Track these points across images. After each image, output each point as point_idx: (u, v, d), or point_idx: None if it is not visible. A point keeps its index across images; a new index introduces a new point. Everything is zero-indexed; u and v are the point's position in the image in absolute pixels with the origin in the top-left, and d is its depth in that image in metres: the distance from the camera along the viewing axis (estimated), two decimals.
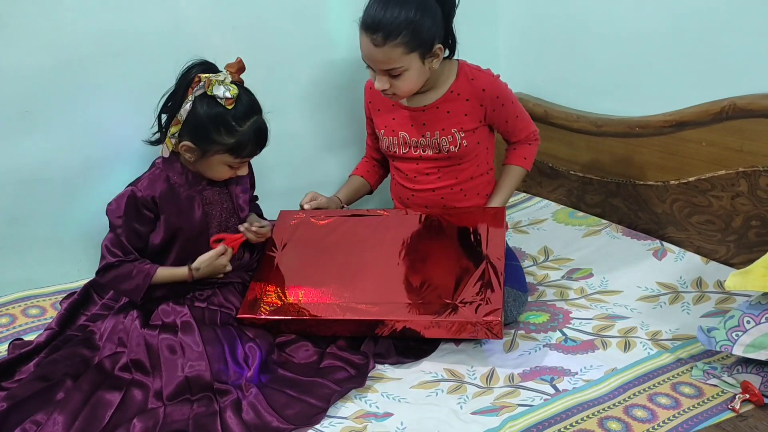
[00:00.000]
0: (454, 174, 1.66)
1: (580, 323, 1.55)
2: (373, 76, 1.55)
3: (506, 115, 1.65)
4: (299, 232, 1.65)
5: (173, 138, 1.40)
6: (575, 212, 2.03)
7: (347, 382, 1.35)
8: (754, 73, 1.61)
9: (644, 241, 1.84)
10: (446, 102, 1.61)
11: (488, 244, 1.52)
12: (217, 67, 1.43)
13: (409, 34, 1.45)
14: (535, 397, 1.31)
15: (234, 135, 1.38)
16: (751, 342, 1.27)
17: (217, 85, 1.37)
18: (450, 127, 1.61)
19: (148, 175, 1.46)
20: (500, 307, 1.38)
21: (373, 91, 1.66)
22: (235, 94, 1.37)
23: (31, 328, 1.55)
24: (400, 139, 1.65)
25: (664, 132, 1.80)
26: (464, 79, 1.61)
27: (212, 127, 1.37)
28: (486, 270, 1.46)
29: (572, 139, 2.03)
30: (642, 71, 1.85)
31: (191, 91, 1.38)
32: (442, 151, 1.63)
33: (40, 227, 1.71)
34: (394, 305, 1.43)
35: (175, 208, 1.44)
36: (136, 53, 1.68)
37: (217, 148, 1.39)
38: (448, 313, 1.39)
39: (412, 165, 1.68)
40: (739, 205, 1.69)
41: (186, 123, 1.38)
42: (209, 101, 1.37)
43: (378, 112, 1.70)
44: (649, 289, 1.66)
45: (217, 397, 1.30)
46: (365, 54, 1.51)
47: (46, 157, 1.66)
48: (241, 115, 1.38)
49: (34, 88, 1.61)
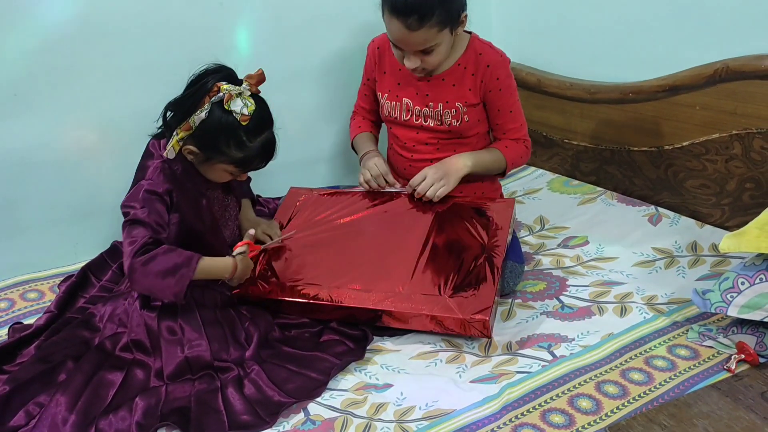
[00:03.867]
0: (453, 147, 1.64)
1: (576, 290, 1.56)
2: (400, 56, 1.52)
3: (499, 102, 1.60)
4: (305, 211, 1.64)
5: (181, 141, 1.35)
6: (570, 181, 2.03)
7: (347, 356, 1.36)
8: (747, 35, 1.60)
9: (639, 207, 1.85)
10: (452, 74, 1.59)
11: (491, 238, 1.50)
12: (236, 73, 1.38)
13: (442, 12, 1.42)
14: (533, 364, 1.33)
15: (243, 150, 1.35)
16: (745, 303, 1.28)
17: (235, 99, 1.32)
18: (454, 100, 1.59)
19: (155, 166, 1.39)
20: (490, 306, 1.36)
21: (381, 51, 1.65)
22: (252, 111, 1.33)
23: (30, 311, 1.55)
24: (403, 105, 1.63)
25: (658, 97, 1.79)
26: (472, 53, 1.58)
27: (222, 139, 1.34)
28: (483, 265, 1.44)
29: (566, 107, 2.02)
30: (634, 36, 1.84)
31: (208, 100, 1.33)
32: (444, 124, 1.61)
33: (36, 210, 1.70)
34: (386, 294, 1.41)
35: (187, 202, 1.41)
36: (123, 33, 1.66)
37: (222, 158, 1.37)
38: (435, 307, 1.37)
39: (412, 133, 1.66)
40: (733, 168, 1.69)
41: (196, 129, 1.34)
42: (224, 113, 1.32)
43: (383, 75, 1.66)
44: (644, 254, 1.67)
45: (218, 374, 1.31)
46: (397, 38, 1.47)
47: (38, 140, 1.65)
48: (253, 130, 1.35)
49: (21, 70, 1.59)
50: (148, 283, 1.31)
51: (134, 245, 1.30)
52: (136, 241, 1.31)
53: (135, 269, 1.30)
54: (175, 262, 1.31)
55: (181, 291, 1.31)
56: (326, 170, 2.09)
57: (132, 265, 1.30)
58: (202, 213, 1.44)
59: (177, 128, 1.35)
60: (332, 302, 1.42)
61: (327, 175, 2.09)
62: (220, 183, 1.47)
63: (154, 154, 1.42)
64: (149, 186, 1.36)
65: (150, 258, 1.30)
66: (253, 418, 1.22)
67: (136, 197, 1.36)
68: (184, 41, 1.74)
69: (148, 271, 1.30)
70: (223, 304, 1.45)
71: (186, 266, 1.32)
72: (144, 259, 1.30)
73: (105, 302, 1.45)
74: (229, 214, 1.53)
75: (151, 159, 1.41)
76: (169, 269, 1.30)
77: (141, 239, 1.31)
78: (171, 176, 1.38)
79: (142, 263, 1.29)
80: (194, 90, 1.35)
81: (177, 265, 1.31)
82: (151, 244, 1.31)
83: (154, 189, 1.36)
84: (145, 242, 1.31)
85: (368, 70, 1.72)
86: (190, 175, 1.41)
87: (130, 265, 1.30)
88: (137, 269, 1.30)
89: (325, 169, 2.08)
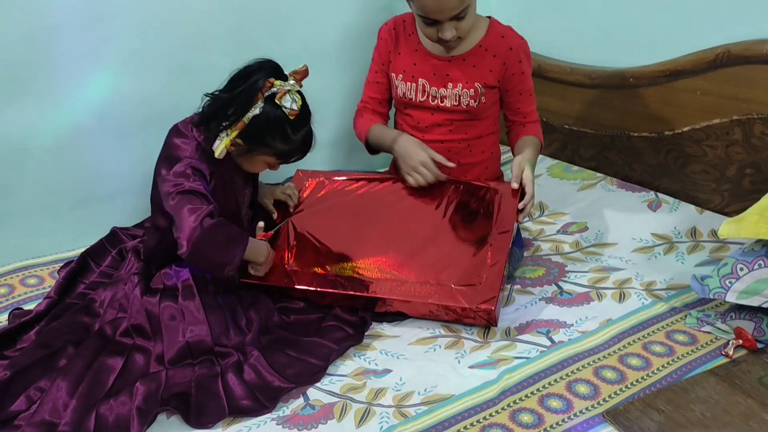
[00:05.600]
0: (465, 129, 1.63)
1: (575, 276, 1.57)
2: (433, 33, 1.49)
3: (521, 85, 1.61)
4: (311, 195, 1.64)
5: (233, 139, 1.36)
6: (570, 166, 2.03)
7: (346, 341, 1.37)
8: (748, 19, 1.59)
9: (639, 193, 1.84)
10: (474, 55, 1.58)
11: (497, 226, 1.48)
12: (281, 67, 1.40)
13: None
14: (531, 350, 1.33)
15: (287, 143, 1.39)
16: (744, 289, 1.28)
17: (286, 96, 1.36)
18: (474, 81, 1.58)
19: (192, 145, 1.39)
20: (496, 296, 1.36)
21: (396, 31, 1.63)
22: (300, 106, 1.37)
23: (30, 297, 1.56)
24: (419, 86, 1.61)
25: (659, 82, 1.78)
26: (494, 35, 1.58)
27: (269, 132, 1.37)
28: (489, 254, 1.43)
29: (566, 93, 2.01)
30: (635, 20, 1.83)
31: (261, 96, 1.35)
32: (461, 104, 1.60)
33: (34, 196, 1.70)
34: (392, 283, 1.42)
35: (220, 186, 1.43)
36: (119, 18, 1.65)
37: (266, 150, 1.40)
38: (441, 296, 1.38)
39: (426, 114, 1.64)
40: (733, 153, 1.69)
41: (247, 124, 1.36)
42: (274, 108, 1.35)
43: (398, 56, 1.64)
44: (643, 240, 1.67)
45: (218, 359, 1.31)
46: (432, 8, 1.44)
47: (34, 126, 1.64)
48: (298, 124, 1.38)
49: (17, 55, 1.58)
50: (209, 251, 1.32)
51: (199, 213, 1.30)
52: (200, 209, 1.31)
53: (200, 236, 1.29)
54: (233, 234, 1.34)
55: (237, 263, 1.33)
56: (328, 155, 2.08)
57: (197, 230, 1.29)
58: (228, 199, 1.46)
59: (228, 127, 1.36)
60: (337, 290, 1.43)
61: (328, 160, 2.08)
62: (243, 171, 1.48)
63: (186, 135, 1.41)
64: (194, 163, 1.37)
65: (215, 225, 1.31)
66: (253, 403, 1.23)
67: (184, 171, 1.35)
68: (182, 26, 1.73)
69: (212, 238, 1.31)
70: (224, 289, 1.45)
71: (240, 241, 1.35)
72: (211, 225, 1.30)
73: (105, 288, 1.46)
74: (243, 201, 1.54)
75: (182, 138, 1.41)
76: (228, 240, 1.33)
77: (204, 208, 1.31)
78: (208, 159, 1.40)
79: (210, 228, 1.30)
80: (245, 88, 1.36)
81: (234, 238, 1.34)
82: (211, 215, 1.32)
83: (198, 167, 1.37)
84: (209, 211, 1.32)
85: (382, 53, 1.66)
86: (222, 161, 1.42)
87: (194, 231, 1.29)
88: (203, 236, 1.29)
89: (327, 155, 2.08)
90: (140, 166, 1.69)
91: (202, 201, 1.33)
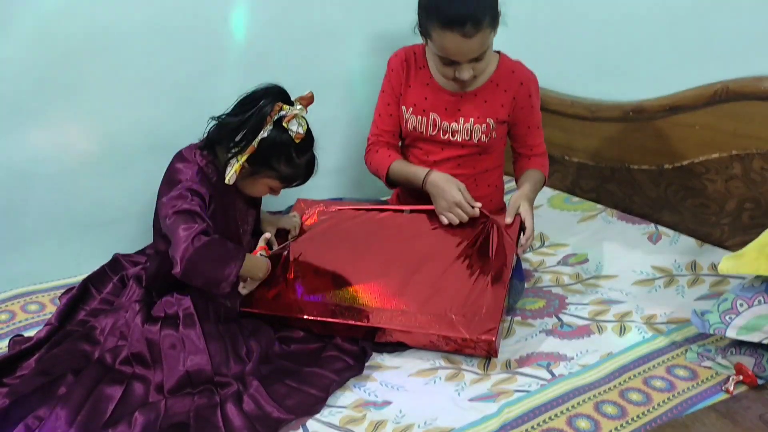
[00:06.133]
0: (473, 163, 1.65)
1: (575, 308, 1.57)
2: (449, 72, 1.51)
3: (530, 119, 1.63)
4: (312, 224, 1.64)
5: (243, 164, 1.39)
6: (570, 198, 2.04)
7: (345, 372, 1.37)
8: (747, 57, 1.62)
9: (639, 225, 1.85)
10: (485, 90, 1.60)
11: (497, 257, 1.48)
12: (287, 92, 1.43)
13: (492, 11, 1.44)
14: (531, 383, 1.33)
15: (292, 166, 1.42)
16: (744, 324, 1.28)
17: (294, 120, 1.39)
18: (486, 116, 1.59)
19: (195, 171, 1.41)
20: (496, 327, 1.36)
21: (408, 63, 1.63)
22: (306, 131, 1.40)
23: (31, 324, 1.56)
24: (430, 119, 1.62)
25: (658, 116, 1.80)
26: (505, 70, 1.60)
27: (275, 155, 1.40)
28: (489, 284, 1.43)
29: (567, 125, 2.03)
30: (635, 55, 1.86)
31: (270, 120, 1.38)
32: (472, 139, 1.61)
33: (37, 222, 1.71)
34: (392, 313, 1.42)
35: (220, 210, 1.45)
36: (127, 47, 1.68)
37: (271, 173, 1.43)
38: (442, 326, 1.38)
39: (436, 148, 1.64)
40: (732, 188, 1.70)
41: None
42: (281, 131, 1.38)
43: (409, 88, 1.64)
44: (644, 273, 1.67)
45: (218, 389, 1.31)
46: (454, 51, 1.46)
47: (41, 152, 1.66)
48: (302, 148, 1.42)
49: (26, 83, 1.60)
50: (202, 268, 1.33)
51: (191, 230, 1.32)
52: (193, 227, 1.33)
53: (194, 253, 1.31)
54: (228, 250, 1.36)
55: (232, 280, 1.35)
56: (331, 183, 2.10)
57: (190, 248, 1.31)
58: (229, 222, 1.47)
59: (238, 153, 1.38)
60: (337, 319, 1.43)
61: (332, 187, 2.10)
62: (245, 195, 1.50)
63: (188, 159, 1.44)
64: (193, 186, 1.39)
65: (208, 243, 1.33)
66: None
67: (181, 194, 1.38)
68: (188, 55, 1.76)
69: (205, 255, 1.32)
70: (225, 318, 1.45)
71: (236, 257, 1.36)
72: (204, 242, 1.32)
73: (106, 315, 1.46)
74: (246, 228, 1.55)
75: (184, 162, 1.44)
76: (222, 256, 1.35)
77: (197, 227, 1.33)
78: (208, 183, 1.42)
79: (202, 246, 1.32)
80: (253, 113, 1.38)
81: (229, 254, 1.36)
82: (205, 233, 1.34)
83: (196, 189, 1.39)
84: (202, 229, 1.33)
85: (395, 85, 1.65)
86: (223, 185, 1.44)
87: (187, 249, 1.31)
88: (196, 253, 1.31)
89: (330, 182, 2.09)
90: (144, 193, 1.71)
91: (196, 219, 1.35)
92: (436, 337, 1.39)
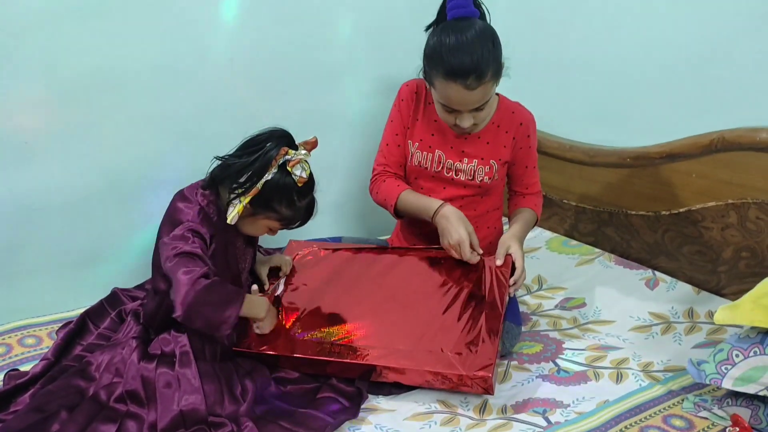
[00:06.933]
0: (475, 205, 1.66)
1: (572, 354, 1.57)
2: (451, 119, 1.54)
3: (528, 159, 1.66)
4: (305, 265, 1.65)
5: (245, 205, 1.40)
6: (569, 240, 2.05)
7: (341, 414, 1.36)
8: (742, 108, 1.65)
9: (636, 270, 1.86)
10: (488, 132, 1.62)
11: (490, 295, 1.49)
12: (293, 137, 1.45)
13: (494, 65, 1.46)
14: (527, 430, 1.32)
15: (292, 209, 1.44)
16: (740, 375, 1.28)
17: (298, 165, 1.41)
18: (489, 158, 1.62)
19: (196, 211, 1.42)
20: (492, 363, 1.36)
21: (418, 96, 1.64)
22: (308, 175, 1.42)
23: (27, 358, 1.55)
24: (435, 156, 1.63)
25: (655, 163, 1.82)
26: (506, 111, 1.63)
27: (277, 198, 1.42)
28: (484, 322, 1.44)
29: (565, 169, 2.06)
30: (634, 103, 1.89)
31: (275, 163, 1.40)
32: (475, 179, 1.63)
33: (38, 256, 1.72)
34: (387, 351, 1.42)
35: (220, 250, 1.46)
36: (134, 86, 1.71)
37: (272, 215, 1.45)
38: (437, 363, 1.38)
39: (439, 187, 1.65)
40: (729, 236, 1.72)
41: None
42: (284, 174, 1.41)
43: (417, 122, 1.66)
44: (641, 319, 1.68)
45: (211, 429, 1.30)
46: (457, 101, 1.49)
47: (45, 187, 1.68)
48: (304, 192, 1.44)
49: (34, 119, 1.63)
50: (203, 312, 1.35)
51: (192, 274, 1.33)
52: (194, 271, 1.34)
53: (195, 298, 1.33)
54: (228, 293, 1.37)
55: (233, 322, 1.36)
56: (332, 220, 2.11)
57: (191, 293, 1.32)
58: (229, 261, 1.48)
59: (242, 194, 1.40)
60: (332, 358, 1.43)
61: (332, 224, 2.11)
62: (244, 234, 1.51)
63: (190, 199, 1.45)
64: (194, 226, 1.40)
65: (209, 287, 1.34)
66: None
67: (183, 234, 1.39)
68: (194, 95, 1.79)
69: (206, 299, 1.34)
70: (222, 357, 1.45)
71: (236, 300, 1.37)
72: (205, 286, 1.33)
73: (102, 350, 1.46)
74: (244, 266, 1.56)
75: (186, 202, 1.45)
76: (223, 300, 1.36)
77: (198, 270, 1.35)
78: (209, 223, 1.43)
79: (203, 289, 1.33)
80: (259, 155, 1.40)
81: (230, 297, 1.37)
82: (206, 276, 1.35)
83: (197, 230, 1.40)
84: (203, 273, 1.35)
85: (404, 115, 1.65)
86: (224, 224, 1.45)
87: (188, 293, 1.32)
88: (197, 298, 1.33)
89: (330, 219, 2.11)
90: (144, 228, 1.73)
91: (197, 263, 1.36)
92: (431, 375, 1.39)
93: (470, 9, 1.49)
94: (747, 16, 1.60)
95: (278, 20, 1.84)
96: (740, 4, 1.60)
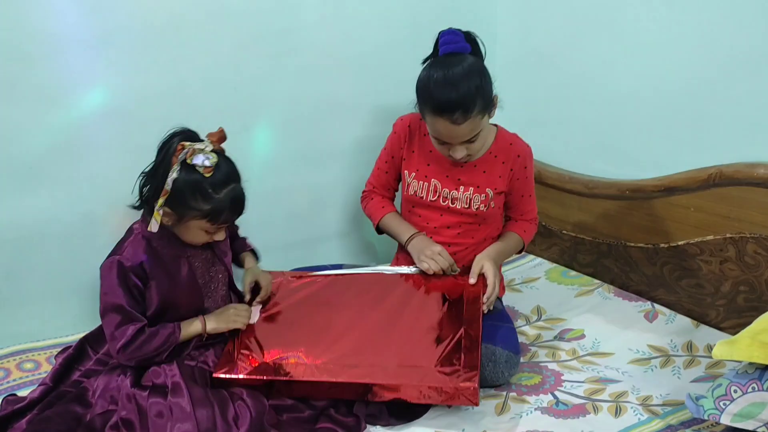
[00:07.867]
0: (472, 233, 1.69)
1: (571, 386, 1.56)
2: (444, 150, 1.58)
3: (524, 188, 1.70)
4: (281, 292, 1.67)
5: (161, 209, 1.39)
6: (568, 271, 2.06)
7: None
8: (740, 143, 1.66)
9: (635, 302, 1.87)
10: (484, 162, 1.65)
11: (467, 312, 1.54)
12: (198, 135, 1.44)
13: (481, 101, 1.49)
14: None
15: (210, 202, 1.40)
16: (738, 411, 1.28)
17: (197, 154, 1.39)
18: (485, 186, 1.65)
19: (130, 241, 1.45)
20: (476, 374, 1.38)
21: (411, 129, 1.69)
22: (214, 163, 1.39)
23: (26, 382, 1.55)
24: (431, 185, 1.67)
25: (654, 196, 1.84)
26: (503, 142, 1.66)
27: (189, 193, 1.39)
28: (462, 338, 1.47)
29: (565, 200, 2.07)
30: (633, 136, 1.91)
31: (175, 160, 1.39)
32: (471, 207, 1.66)
33: (38, 281, 1.73)
34: (372, 368, 1.43)
35: (163, 270, 1.46)
36: (138, 113, 1.73)
37: (193, 213, 1.41)
38: (424, 378, 1.40)
39: (436, 215, 1.69)
40: (727, 270, 1.72)
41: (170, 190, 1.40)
42: (188, 169, 1.39)
43: (412, 153, 1.70)
44: (640, 351, 1.68)
45: None
46: (446, 135, 1.53)
47: (47, 213, 1.69)
48: (219, 183, 1.40)
49: (38, 145, 1.65)
50: (140, 358, 1.44)
51: (117, 341, 1.41)
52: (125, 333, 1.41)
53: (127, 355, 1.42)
54: (156, 347, 1.43)
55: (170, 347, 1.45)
56: (333, 247, 2.12)
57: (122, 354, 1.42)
58: (179, 280, 1.47)
59: (156, 199, 1.40)
60: (317, 378, 1.43)
61: (334, 252, 2.12)
62: (200, 248, 1.50)
63: (132, 229, 1.48)
64: (120, 259, 1.43)
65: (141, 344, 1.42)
66: None
67: (109, 280, 1.43)
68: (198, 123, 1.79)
69: (139, 352, 1.43)
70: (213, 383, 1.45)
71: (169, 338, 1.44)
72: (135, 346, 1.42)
73: (98, 376, 1.46)
74: (215, 284, 1.55)
75: (128, 233, 1.48)
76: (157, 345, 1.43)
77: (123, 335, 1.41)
78: (146, 247, 1.44)
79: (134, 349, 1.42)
80: (162, 155, 1.42)
81: (162, 341, 1.44)
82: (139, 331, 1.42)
83: (123, 263, 1.42)
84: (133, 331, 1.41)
85: (394, 148, 1.73)
86: (167, 241, 1.46)
87: (119, 352, 1.42)
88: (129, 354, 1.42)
89: (332, 247, 2.12)
90: None
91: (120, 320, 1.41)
92: (426, 389, 1.39)
93: (461, 45, 1.52)
94: (745, 53, 1.63)
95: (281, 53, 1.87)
96: (739, 42, 1.63)
